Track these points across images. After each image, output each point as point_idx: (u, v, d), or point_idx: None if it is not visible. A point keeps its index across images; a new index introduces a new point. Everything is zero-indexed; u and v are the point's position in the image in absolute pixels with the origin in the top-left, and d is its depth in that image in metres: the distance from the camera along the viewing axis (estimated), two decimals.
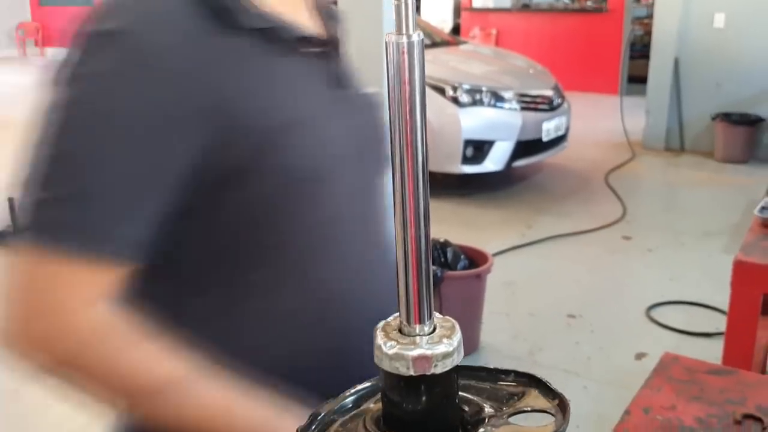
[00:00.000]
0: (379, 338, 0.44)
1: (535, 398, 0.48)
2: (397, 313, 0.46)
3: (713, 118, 6.00)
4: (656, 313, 3.35)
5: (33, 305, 0.62)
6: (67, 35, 0.64)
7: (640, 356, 2.98)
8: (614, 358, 3.00)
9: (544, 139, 5.06)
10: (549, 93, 5.14)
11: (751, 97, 5.96)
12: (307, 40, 0.75)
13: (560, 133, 5.24)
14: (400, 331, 0.44)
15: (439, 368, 0.43)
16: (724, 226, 4.48)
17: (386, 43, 0.39)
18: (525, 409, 0.47)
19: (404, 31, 0.39)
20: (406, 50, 0.39)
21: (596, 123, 7.37)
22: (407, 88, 0.39)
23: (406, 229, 0.42)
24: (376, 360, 0.44)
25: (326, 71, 0.79)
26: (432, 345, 0.43)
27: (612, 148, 6.49)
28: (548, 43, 9.44)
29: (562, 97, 5.31)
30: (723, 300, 3.27)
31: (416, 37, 0.38)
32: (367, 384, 0.52)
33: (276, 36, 0.71)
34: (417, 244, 0.42)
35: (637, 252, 4.12)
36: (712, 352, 3.00)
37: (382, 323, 0.46)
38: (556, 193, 5.29)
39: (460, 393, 0.47)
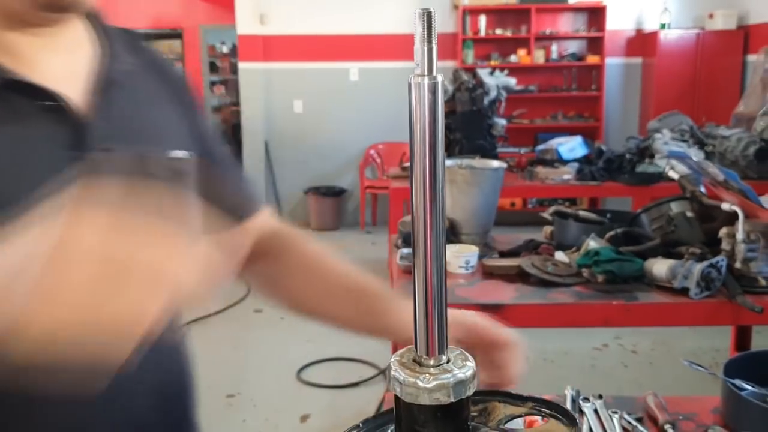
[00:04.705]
0: (407, 376, 0.44)
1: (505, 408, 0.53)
2: (401, 352, 0.46)
3: (305, 192, 6.67)
4: (306, 375, 3.54)
5: None
6: None
7: (304, 418, 3.11)
8: (281, 426, 3.07)
9: None
10: None
11: (334, 171, 6.80)
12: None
13: None
14: (420, 364, 0.45)
15: (471, 389, 0.45)
16: None
17: (412, 84, 0.41)
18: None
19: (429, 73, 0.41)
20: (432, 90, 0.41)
21: None
22: (433, 125, 0.42)
23: (425, 266, 0.44)
24: (408, 399, 0.44)
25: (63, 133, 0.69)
26: (461, 369, 0.44)
27: None
28: None
29: None
30: (359, 351, 3.64)
31: (440, 77, 0.41)
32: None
33: None
34: (437, 281, 0.44)
35: (271, 322, 4.29)
36: (365, 398, 3.29)
37: (393, 363, 0.45)
38: None
39: None
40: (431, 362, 0.44)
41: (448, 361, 0.44)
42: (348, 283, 0.90)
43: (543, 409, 0.51)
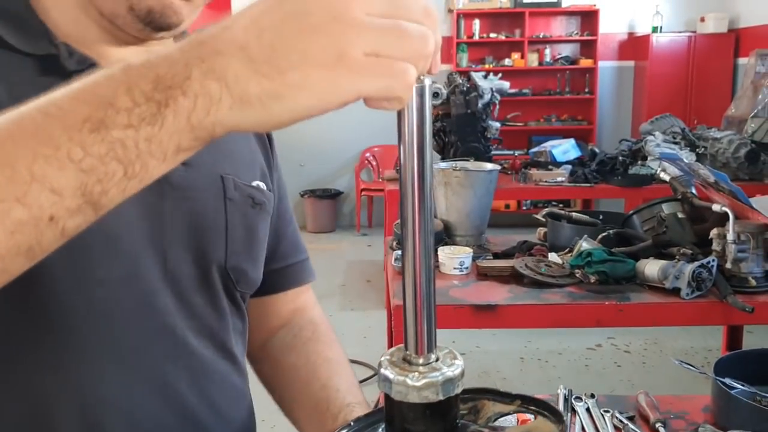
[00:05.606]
0: (396, 375, 0.45)
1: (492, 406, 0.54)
2: (391, 351, 0.47)
3: (302, 195, 6.68)
4: None
5: None
6: None
7: None
8: (279, 425, 3.06)
9: None
10: None
11: (330, 173, 6.82)
12: None
13: None
14: (410, 363, 0.46)
15: (460, 387, 0.46)
16: (333, 288, 4.98)
17: None
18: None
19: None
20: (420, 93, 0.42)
21: None
22: (421, 128, 0.43)
23: (414, 266, 0.45)
24: (397, 397, 0.45)
25: None
26: (449, 368, 0.46)
27: None
28: None
29: None
30: (355, 352, 3.64)
31: (427, 81, 0.42)
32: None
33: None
34: (426, 281, 0.45)
35: None
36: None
37: (383, 362, 0.46)
38: None
39: None
40: (420, 361, 0.45)
41: (437, 360, 0.45)
42: (322, 399, 0.87)
43: (531, 407, 0.52)
